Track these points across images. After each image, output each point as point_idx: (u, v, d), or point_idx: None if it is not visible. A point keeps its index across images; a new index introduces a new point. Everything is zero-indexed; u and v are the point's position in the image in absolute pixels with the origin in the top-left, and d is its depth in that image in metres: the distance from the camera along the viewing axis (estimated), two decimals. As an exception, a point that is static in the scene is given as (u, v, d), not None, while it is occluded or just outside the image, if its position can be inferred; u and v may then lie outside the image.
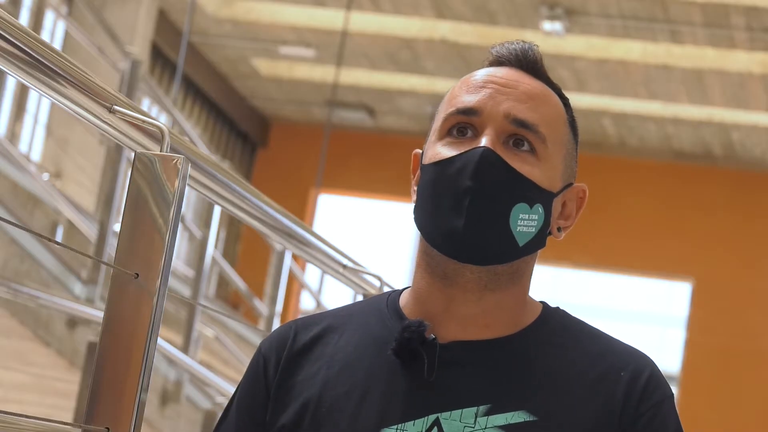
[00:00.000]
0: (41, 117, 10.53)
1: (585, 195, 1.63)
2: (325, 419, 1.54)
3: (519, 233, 1.54)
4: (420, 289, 1.59)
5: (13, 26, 1.66)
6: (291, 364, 1.60)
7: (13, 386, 5.38)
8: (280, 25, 12.52)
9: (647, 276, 14.84)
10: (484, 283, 1.56)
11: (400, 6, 11.58)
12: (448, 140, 1.57)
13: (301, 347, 1.61)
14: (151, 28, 11.63)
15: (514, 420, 1.51)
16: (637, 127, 14.17)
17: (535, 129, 1.56)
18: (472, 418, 1.51)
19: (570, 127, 1.63)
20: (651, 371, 1.57)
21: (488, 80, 1.59)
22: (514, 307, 1.58)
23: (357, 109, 14.71)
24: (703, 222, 14.52)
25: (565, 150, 1.61)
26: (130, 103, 1.92)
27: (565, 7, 11.15)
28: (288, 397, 1.58)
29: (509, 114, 1.56)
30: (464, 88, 1.60)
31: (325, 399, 1.55)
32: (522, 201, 1.54)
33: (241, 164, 15.43)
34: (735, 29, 11.06)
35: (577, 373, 1.55)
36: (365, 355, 1.57)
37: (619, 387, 1.54)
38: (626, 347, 1.60)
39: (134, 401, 1.78)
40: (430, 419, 1.52)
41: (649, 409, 1.54)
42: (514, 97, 1.57)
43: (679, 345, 14.54)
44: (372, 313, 1.62)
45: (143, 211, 1.84)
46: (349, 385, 1.56)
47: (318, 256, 3.08)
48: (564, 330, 1.60)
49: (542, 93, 1.61)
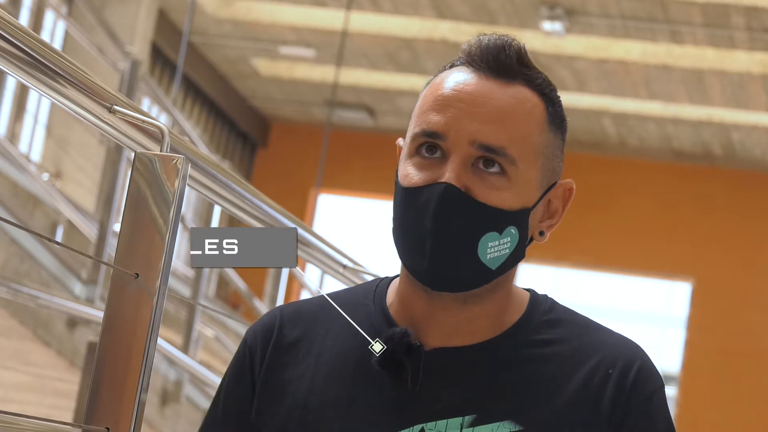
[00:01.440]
0: (41, 117, 10.53)
1: (572, 189, 1.59)
2: (312, 426, 1.54)
3: (490, 260, 1.52)
4: (404, 294, 1.58)
5: (13, 26, 1.66)
6: (276, 361, 1.59)
7: (13, 386, 5.38)
8: (280, 25, 12.52)
9: (647, 276, 14.84)
10: (464, 298, 1.54)
11: (400, 6, 11.58)
12: (417, 160, 1.54)
13: (287, 343, 1.59)
14: (151, 28, 11.63)
15: (500, 431, 1.50)
16: (637, 127, 14.17)
17: (503, 152, 1.51)
18: (457, 429, 1.50)
19: (551, 125, 1.57)
20: (640, 364, 1.55)
21: (455, 96, 1.55)
22: (497, 312, 1.57)
23: (357, 109, 14.71)
24: (703, 222, 14.52)
25: (543, 158, 1.55)
26: (130, 103, 1.92)
27: (565, 7, 11.15)
28: (274, 397, 1.57)
29: (475, 140, 1.51)
30: (431, 101, 1.57)
31: (312, 404, 1.54)
32: (490, 230, 1.51)
33: (241, 164, 15.43)
34: (735, 29, 11.06)
35: (564, 375, 1.53)
36: (351, 358, 1.56)
37: (609, 385, 1.53)
38: (615, 339, 1.58)
39: (134, 401, 1.78)
40: (415, 429, 1.51)
41: (640, 404, 1.53)
42: (481, 119, 1.52)
43: (679, 345, 14.54)
44: (359, 308, 1.60)
45: (143, 211, 1.84)
46: (335, 391, 1.55)
47: (318, 256, 3.08)
48: (549, 324, 1.58)
49: (513, 107, 1.54)
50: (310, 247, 3.00)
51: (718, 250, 14.41)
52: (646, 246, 14.52)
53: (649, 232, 14.57)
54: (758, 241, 14.37)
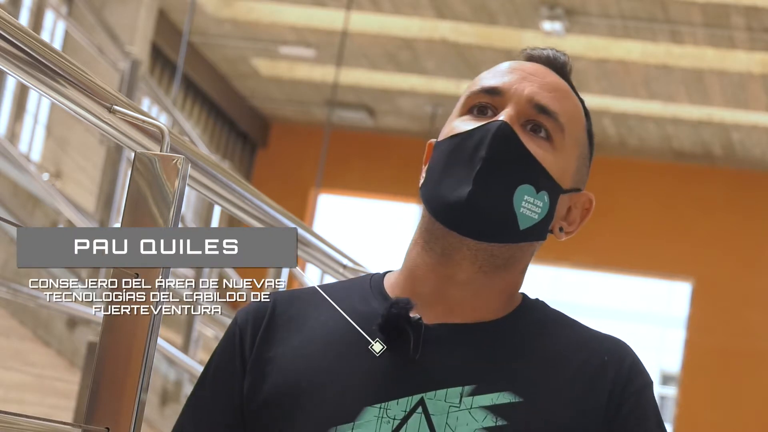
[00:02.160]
0: (41, 117, 10.52)
1: (591, 206, 1.63)
2: (308, 396, 1.52)
3: (521, 215, 1.54)
4: (415, 268, 1.58)
5: (13, 26, 1.66)
6: (270, 337, 1.58)
7: (13, 386, 5.38)
8: (280, 25, 12.52)
9: (647, 276, 14.84)
10: (479, 264, 1.55)
11: (400, 6, 11.57)
12: (467, 117, 1.57)
13: (281, 321, 1.59)
14: (151, 28, 11.63)
15: (500, 401, 1.50)
16: (637, 127, 14.17)
17: (556, 117, 1.57)
18: (457, 398, 1.50)
19: (587, 134, 1.63)
20: (633, 358, 1.57)
21: (516, 67, 1.60)
22: (502, 294, 1.58)
23: (357, 109, 14.71)
24: (703, 222, 14.52)
25: (580, 151, 1.60)
26: (130, 103, 1.92)
27: (565, 7, 11.14)
28: (267, 371, 1.56)
29: (532, 98, 1.56)
30: (490, 74, 1.60)
31: (307, 375, 1.53)
32: (528, 182, 1.54)
33: (241, 164, 15.43)
34: (735, 29, 11.06)
35: (562, 357, 1.55)
36: (347, 331, 1.56)
37: (605, 372, 1.54)
38: (606, 335, 1.60)
39: (134, 401, 1.78)
40: (414, 399, 1.50)
41: (633, 394, 1.54)
42: (539, 85, 1.58)
43: (679, 345, 14.53)
44: (355, 290, 1.61)
45: (143, 211, 1.84)
46: (330, 362, 1.54)
47: (318, 255, 3.08)
48: (545, 318, 1.60)
49: (566, 90, 1.61)
50: (310, 247, 3.00)
51: (718, 250, 14.41)
52: (646, 246, 14.52)
53: (649, 232, 14.57)
54: (758, 241, 14.37)
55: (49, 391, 5.66)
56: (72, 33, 8.58)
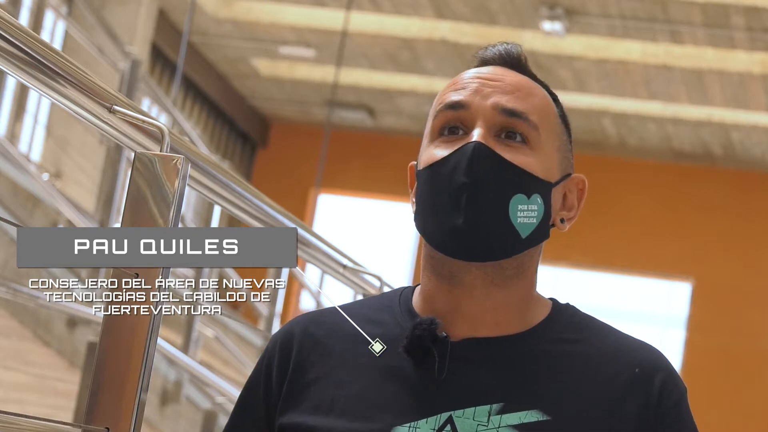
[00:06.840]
0: (41, 117, 10.53)
1: (584, 186, 1.63)
2: (339, 419, 1.53)
3: (520, 225, 1.54)
4: (428, 291, 1.58)
5: (13, 26, 1.66)
6: (302, 362, 1.59)
7: (13, 386, 5.38)
8: (280, 25, 12.52)
9: (647, 276, 14.84)
10: (491, 279, 1.55)
11: (400, 6, 11.58)
12: (440, 141, 1.56)
13: (312, 344, 1.60)
14: (151, 28, 11.63)
15: (528, 419, 1.50)
16: (637, 127, 14.17)
17: (525, 117, 1.56)
18: (485, 416, 1.50)
19: (561, 120, 1.62)
20: (666, 369, 1.56)
21: (474, 77, 1.59)
22: (522, 304, 1.58)
23: (357, 109, 14.71)
24: (703, 222, 14.52)
25: (559, 141, 1.60)
26: (130, 103, 1.92)
27: (565, 7, 11.14)
28: (301, 397, 1.57)
29: (497, 105, 1.55)
30: (451, 88, 1.60)
31: (339, 399, 1.54)
32: (519, 192, 1.53)
33: (241, 164, 15.43)
34: (735, 29, 11.06)
35: (591, 371, 1.54)
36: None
37: (636, 386, 1.53)
38: (638, 343, 1.59)
39: (134, 401, 1.78)
40: (443, 417, 1.51)
41: (670, 410, 1.53)
42: (500, 90, 1.57)
43: (679, 345, 14.53)
44: (384, 311, 1.61)
45: (143, 211, 1.83)
46: (361, 384, 1.55)
47: (318, 256, 3.07)
48: (574, 327, 1.59)
49: (528, 85, 1.60)
50: (310, 247, 3.00)
51: (718, 250, 14.41)
52: (646, 246, 14.52)
53: (649, 232, 14.57)
54: (758, 241, 14.37)
55: (49, 392, 5.66)
56: (72, 33, 8.58)
